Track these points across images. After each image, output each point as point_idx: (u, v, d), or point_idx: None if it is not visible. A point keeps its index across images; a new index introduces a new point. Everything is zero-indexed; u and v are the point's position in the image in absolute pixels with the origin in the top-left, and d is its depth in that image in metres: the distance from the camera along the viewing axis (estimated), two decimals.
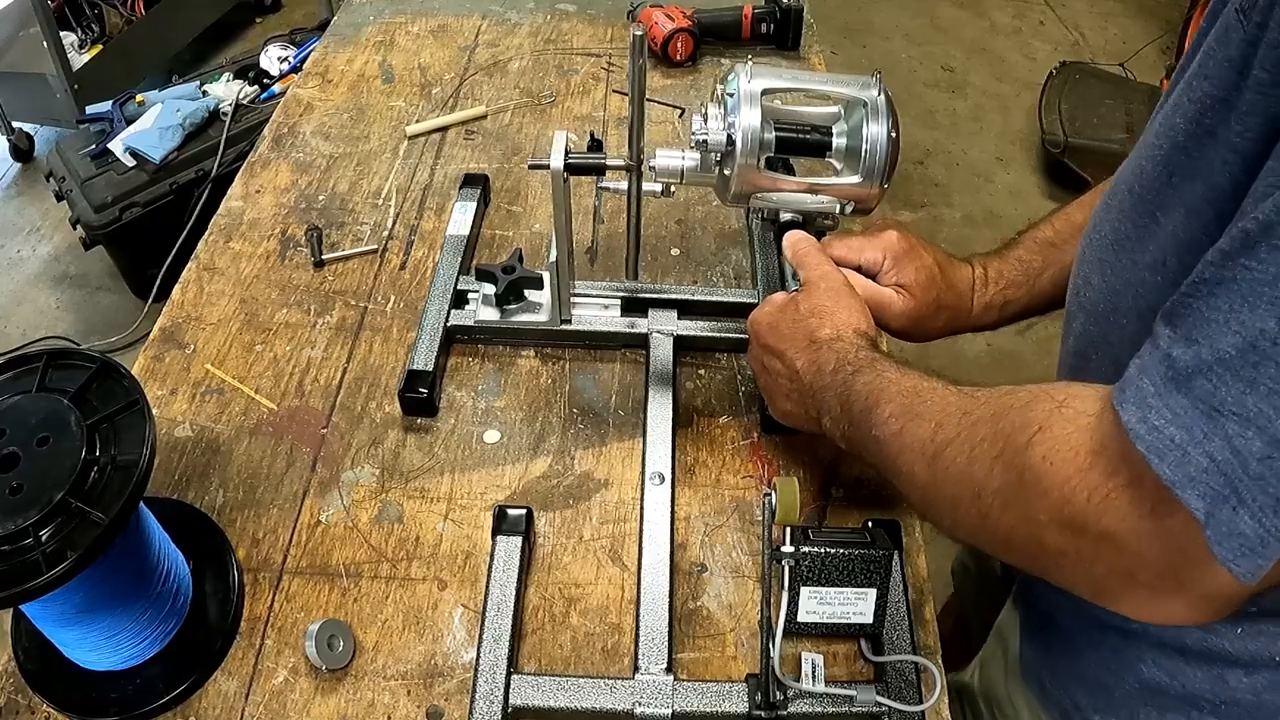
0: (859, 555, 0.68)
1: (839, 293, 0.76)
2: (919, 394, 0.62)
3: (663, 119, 1.24)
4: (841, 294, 0.76)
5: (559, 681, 0.69)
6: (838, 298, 0.75)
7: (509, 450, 0.87)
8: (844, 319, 0.74)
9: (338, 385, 0.92)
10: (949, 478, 0.57)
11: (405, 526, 0.81)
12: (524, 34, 1.41)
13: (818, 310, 0.74)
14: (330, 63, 1.35)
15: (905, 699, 0.68)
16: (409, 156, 1.19)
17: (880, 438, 0.63)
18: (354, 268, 1.04)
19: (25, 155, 2.81)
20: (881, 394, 0.64)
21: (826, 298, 0.75)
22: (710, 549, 0.80)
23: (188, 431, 0.88)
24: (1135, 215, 0.60)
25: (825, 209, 0.81)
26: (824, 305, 0.75)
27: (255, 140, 1.22)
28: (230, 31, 3.24)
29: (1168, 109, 0.59)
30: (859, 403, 0.66)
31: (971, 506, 0.55)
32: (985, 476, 0.53)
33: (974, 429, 0.55)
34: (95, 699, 0.69)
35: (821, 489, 0.84)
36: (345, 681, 0.71)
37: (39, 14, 2.36)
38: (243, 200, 1.12)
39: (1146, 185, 0.59)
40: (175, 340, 0.96)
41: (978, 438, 0.55)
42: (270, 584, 0.77)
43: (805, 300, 0.76)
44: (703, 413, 0.90)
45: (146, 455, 0.61)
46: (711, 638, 0.74)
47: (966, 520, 0.56)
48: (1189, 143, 0.54)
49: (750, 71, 0.79)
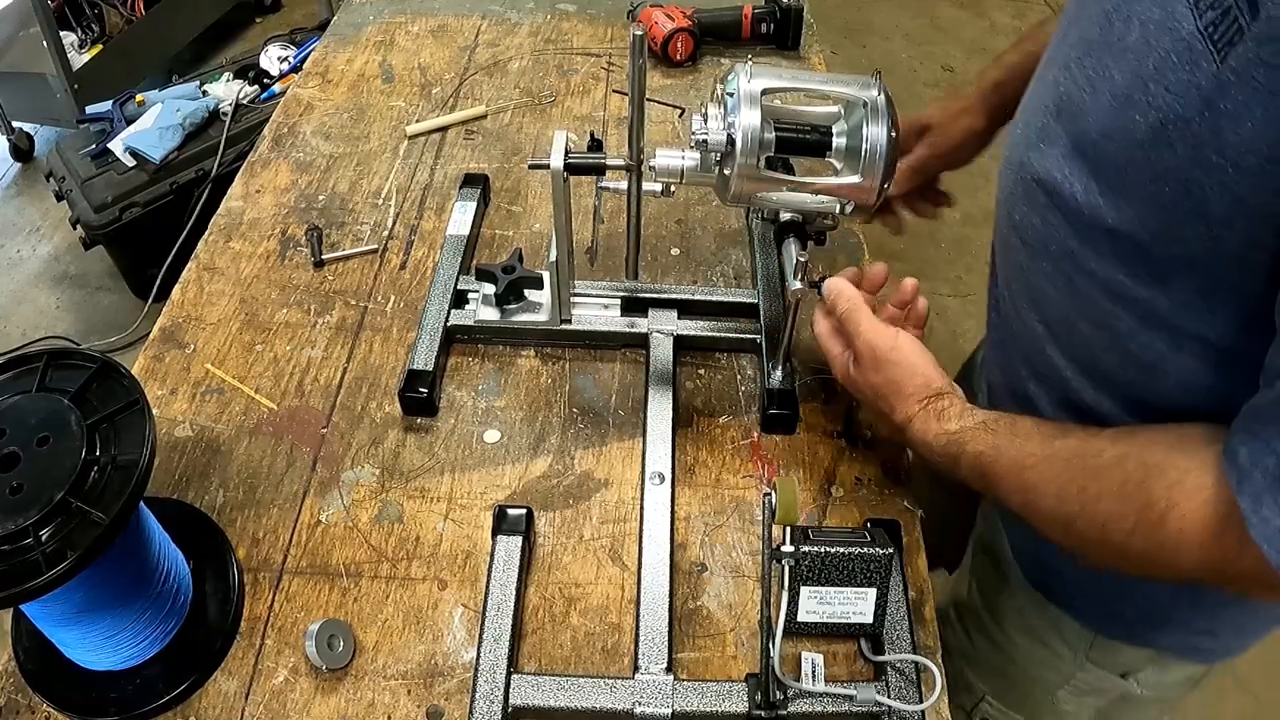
0: (859, 555, 0.68)
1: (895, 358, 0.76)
2: (1024, 468, 0.65)
3: (663, 119, 1.24)
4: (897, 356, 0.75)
5: (559, 681, 0.69)
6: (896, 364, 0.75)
7: (509, 450, 0.87)
8: (917, 382, 0.74)
9: (338, 385, 0.92)
10: (1088, 541, 0.61)
11: (405, 526, 0.81)
12: (524, 34, 1.41)
13: (890, 383, 0.75)
14: (330, 63, 1.35)
15: (905, 698, 0.68)
16: (409, 156, 1.19)
17: (1003, 501, 0.68)
18: (354, 267, 1.04)
19: (25, 155, 2.81)
20: (994, 466, 0.67)
21: (889, 370, 0.75)
22: (710, 549, 0.80)
23: (188, 431, 0.88)
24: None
25: (825, 209, 0.81)
26: (890, 377, 0.75)
27: (255, 140, 1.22)
28: (230, 31, 3.24)
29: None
30: (973, 472, 0.68)
31: (1114, 560, 0.61)
32: (1123, 544, 0.58)
33: (1097, 505, 0.59)
34: (95, 699, 0.69)
35: (821, 489, 0.84)
36: (345, 681, 0.71)
37: (39, 14, 2.35)
38: (243, 200, 1.12)
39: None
40: (175, 340, 0.96)
41: (1106, 514, 0.59)
42: (270, 584, 0.77)
43: (874, 373, 0.76)
44: (703, 413, 0.90)
45: (146, 455, 0.61)
46: (711, 637, 0.74)
47: (1108, 564, 0.62)
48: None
49: (750, 71, 0.79)
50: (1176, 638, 0.79)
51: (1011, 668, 0.91)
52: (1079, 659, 0.84)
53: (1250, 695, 1.74)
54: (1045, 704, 0.91)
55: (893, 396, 0.74)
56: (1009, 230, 0.71)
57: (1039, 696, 0.91)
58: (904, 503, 0.83)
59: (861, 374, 0.77)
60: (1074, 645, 0.84)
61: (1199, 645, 0.79)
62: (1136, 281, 0.60)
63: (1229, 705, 1.73)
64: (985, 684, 0.96)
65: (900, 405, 0.74)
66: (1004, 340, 0.79)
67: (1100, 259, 0.61)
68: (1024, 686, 0.92)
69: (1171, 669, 0.82)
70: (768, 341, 0.91)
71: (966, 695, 0.98)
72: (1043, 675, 0.89)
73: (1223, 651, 0.80)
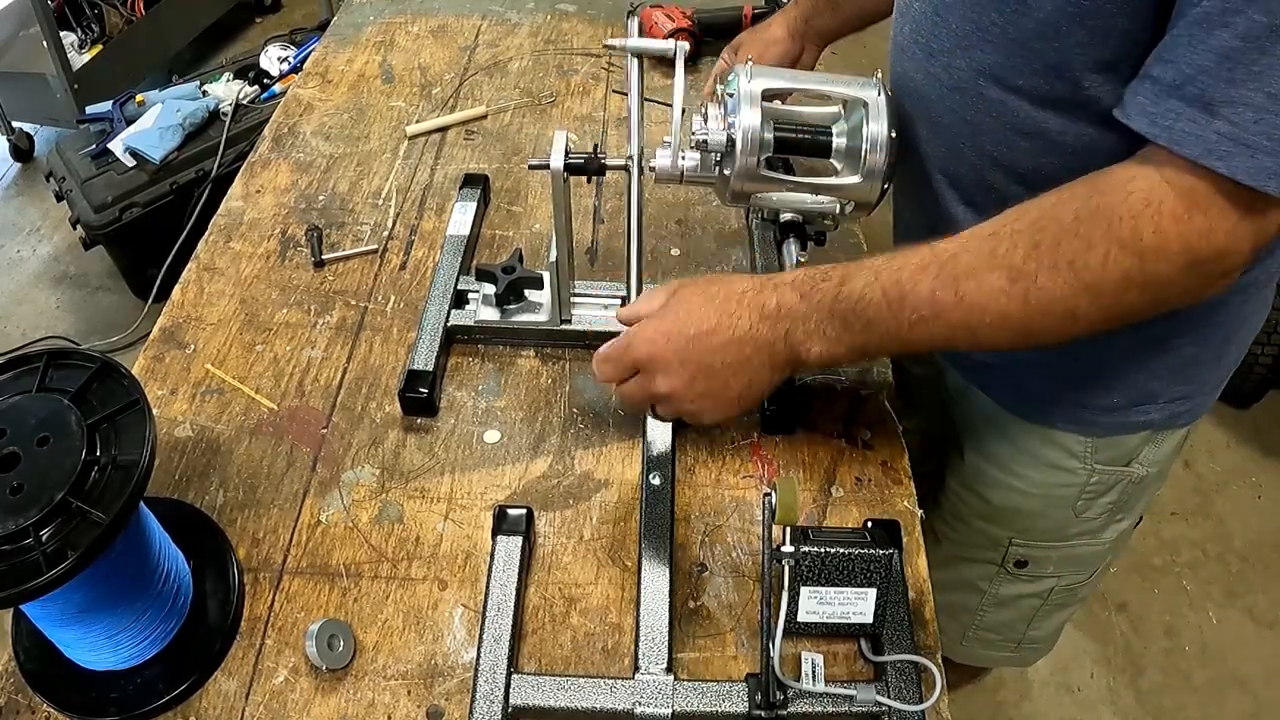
0: (859, 555, 0.68)
1: (697, 281, 0.72)
2: (945, 260, 0.63)
3: (663, 119, 1.24)
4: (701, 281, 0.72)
5: (559, 681, 0.69)
6: (704, 281, 0.72)
7: (509, 450, 0.87)
8: (736, 279, 0.71)
9: (338, 385, 0.92)
10: (1055, 299, 0.60)
11: (405, 526, 0.81)
12: (524, 34, 1.41)
13: (705, 290, 0.71)
14: (330, 63, 1.35)
15: (905, 698, 0.68)
16: (409, 156, 1.19)
17: (929, 316, 0.64)
18: (354, 268, 1.04)
19: (25, 155, 2.81)
20: (902, 282, 0.64)
21: (696, 284, 0.72)
22: (710, 549, 0.80)
23: (188, 431, 0.88)
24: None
25: (825, 209, 0.81)
26: (705, 284, 0.72)
27: (255, 140, 1.22)
28: (230, 31, 3.24)
29: None
30: (873, 307, 0.65)
31: (1092, 304, 0.60)
32: (1099, 276, 0.59)
33: (1057, 250, 0.60)
34: (95, 699, 0.69)
35: (821, 489, 0.84)
36: (345, 681, 0.71)
37: (39, 14, 2.35)
38: (243, 200, 1.12)
39: None
40: (175, 340, 0.96)
41: (1070, 254, 0.59)
42: (270, 584, 0.77)
43: (685, 293, 0.72)
44: None
45: (147, 455, 0.61)
46: (711, 637, 0.74)
47: (1086, 317, 0.61)
48: None
49: (750, 71, 0.79)
50: (1164, 412, 0.87)
51: (1029, 502, 0.97)
52: (1089, 466, 0.91)
53: (1250, 695, 1.74)
54: (1068, 521, 0.97)
55: (724, 333, 0.69)
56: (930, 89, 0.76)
57: (1061, 517, 0.97)
58: (904, 503, 0.83)
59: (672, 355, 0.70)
60: (1081, 456, 0.90)
61: (1179, 410, 0.87)
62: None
63: (1229, 705, 1.73)
64: (1009, 530, 1.01)
65: (732, 285, 0.70)
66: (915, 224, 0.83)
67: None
68: (1046, 514, 0.97)
69: (1164, 441, 0.90)
70: None
71: (993, 550, 1.03)
72: (1060, 495, 0.94)
73: (1198, 410, 0.89)
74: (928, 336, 0.65)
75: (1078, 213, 0.60)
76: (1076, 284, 0.59)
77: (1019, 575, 1.05)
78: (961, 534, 1.05)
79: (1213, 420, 2.16)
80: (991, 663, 1.51)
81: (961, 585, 1.09)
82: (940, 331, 0.64)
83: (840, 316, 0.67)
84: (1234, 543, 1.97)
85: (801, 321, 0.68)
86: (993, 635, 1.14)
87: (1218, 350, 0.85)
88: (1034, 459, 0.93)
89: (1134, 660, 1.78)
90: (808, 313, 0.68)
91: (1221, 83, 0.54)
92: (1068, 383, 0.87)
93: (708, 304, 0.70)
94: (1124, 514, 0.98)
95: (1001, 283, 0.61)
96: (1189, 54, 0.56)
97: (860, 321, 0.66)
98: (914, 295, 0.64)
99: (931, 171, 0.82)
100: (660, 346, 0.70)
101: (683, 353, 0.70)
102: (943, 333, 0.65)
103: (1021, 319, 0.62)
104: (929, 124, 0.80)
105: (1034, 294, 0.60)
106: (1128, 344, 0.82)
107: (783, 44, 1.06)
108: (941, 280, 0.63)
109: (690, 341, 0.69)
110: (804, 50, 1.07)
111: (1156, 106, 0.57)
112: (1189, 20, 0.56)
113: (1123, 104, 0.60)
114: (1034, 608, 1.09)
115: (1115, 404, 0.86)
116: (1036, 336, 0.63)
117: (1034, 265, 0.60)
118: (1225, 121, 0.54)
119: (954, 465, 1.03)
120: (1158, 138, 0.57)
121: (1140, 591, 1.89)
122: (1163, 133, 0.57)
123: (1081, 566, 1.04)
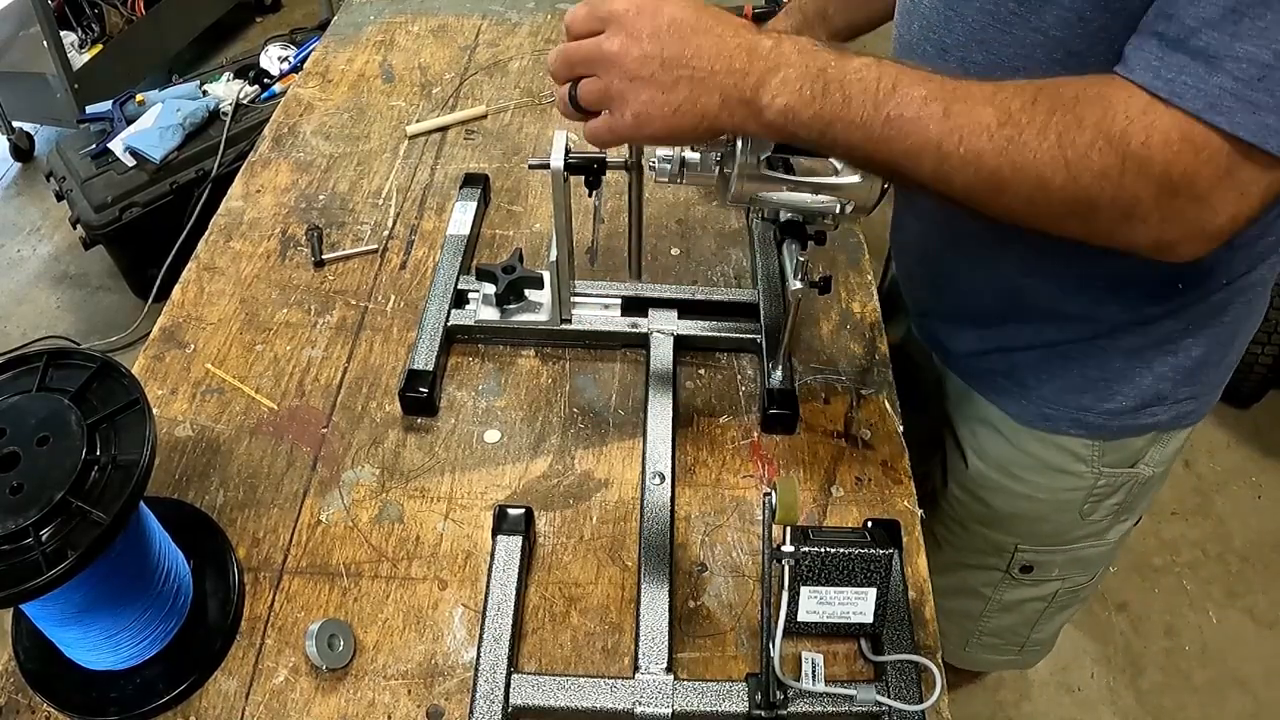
0: (859, 555, 0.68)
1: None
2: (945, 79, 0.62)
3: None
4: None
5: (559, 681, 0.69)
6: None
7: (509, 450, 0.87)
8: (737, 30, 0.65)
9: (338, 385, 0.92)
10: (1033, 160, 0.59)
11: (405, 526, 0.81)
12: (524, 34, 1.41)
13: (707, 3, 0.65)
14: (330, 62, 1.35)
15: (905, 698, 0.68)
16: (409, 156, 1.19)
17: (909, 118, 0.61)
18: (354, 267, 1.04)
19: (25, 155, 2.81)
20: (901, 78, 0.62)
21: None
22: (710, 549, 0.80)
23: (188, 431, 0.88)
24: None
25: (825, 209, 0.81)
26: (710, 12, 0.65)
27: (255, 140, 1.22)
28: (230, 31, 3.24)
29: None
30: (860, 85, 0.62)
31: (1065, 183, 0.59)
32: (1080, 157, 0.57)
33: (1051, 116, 0.58)
34: (95, 699, 0.69)
35: (821, 489, 0.84)
36: (345, 681, 0.72)
37: (39, 14, 2.36)
38: (243, 200, 1.12)
39: None
40: (175, 340, 0.96)
41: (1061, 125, 0.58)
42: (270, 584, 0.77)
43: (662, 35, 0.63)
44: (703, 412, 0.90)
45: (147, 455, 0.61)
46: (711, 637, 0.74)
47: (1051, 196, 0.60)
48: None
49: None
50: (1171, 413, 0.87)
51: (1034, 507, 0.96)
52: (1095, 469, 0.91)
53: (1250, 695, 1.74)
54: (1074, 524, 0.97)
55: (706, 35, 0.63)
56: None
57: (1067, 521, 0.97)
58: (904, 503, 0.83)
59: (647, 22, 0.63)
60: (1087, 460, 0.90)
61: (1186, 411, 0.88)
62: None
63: (1229, 705, 1.73)
64: (1013, 535, 1.01)
65: (732, 46, 0.63)
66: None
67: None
68: (1051, 518, 0.97)
69: (1169, 442, 0.91)
70: (768, 341, 0.91)
71: (997, 556, 1.03)
72: (1066, 500, 0.94)
73: (1203, 410, 0.89)
74: (897, 140, 0.62)
75: (1079, 94, 0.59)
76: (1058, 156, 0.58)
77: (1023, 580, 1.05)
78: (963, 539, 1.05)
79: (1213, 420, 2.16)
80: (995, 667, 1.51)
81: (964, 591, 1.09)
82: (912, 140, 0.61)
83: (824, 81, 0.62)
84: (1234, 543, 1.97)
85: (784, 68, 0.62)
86: (996, 640, 1.14)
87: (1223, 350, 0.85)
88: (1039, 463, 0.93)
89: (1134, 660, 1.79)
90: (795, 62, 0.63)
91: (1226, 36, 0.53)
92: (1074, 387, 0.86)
93: (703, 10, 0.64)
94: (1128, 514, 0.98)
95: (990, 120, 0.59)
96: (1191, 8, 0.55)
97: (841, 94, 0.62)
98: (904, 93, 0.61)
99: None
100: (641, 9, 0.63)
101: (657, 26, 0.63)
102: (913, 143, 0.62)
103: (994, 164, 0.60)
104: None
105: (1016, 146, 0.59)
106: (1135, 347, 0.82)
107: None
108: (935, 92, 0.61)
109: (672, 22, 0.63)
110: None
111: (1160, 60, 0.56)
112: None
113: (1124, 59, 0.59)
114: (1038, 611, 1.09)
115: (1123, 407, 0.86)
116: (1001, 194, 0.61)
117: (1026, 118, 0.59)
118: (1228, 76, 0.54)
119: (955, 470, 1.02)
120: (1158, 89, 0.56)
121: (1140, 591, 1.89)
122: (1164, 85, 0.56)
123: (1086, 568, 1.04)
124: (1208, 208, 0.57)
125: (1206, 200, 0.56)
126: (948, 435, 1.02)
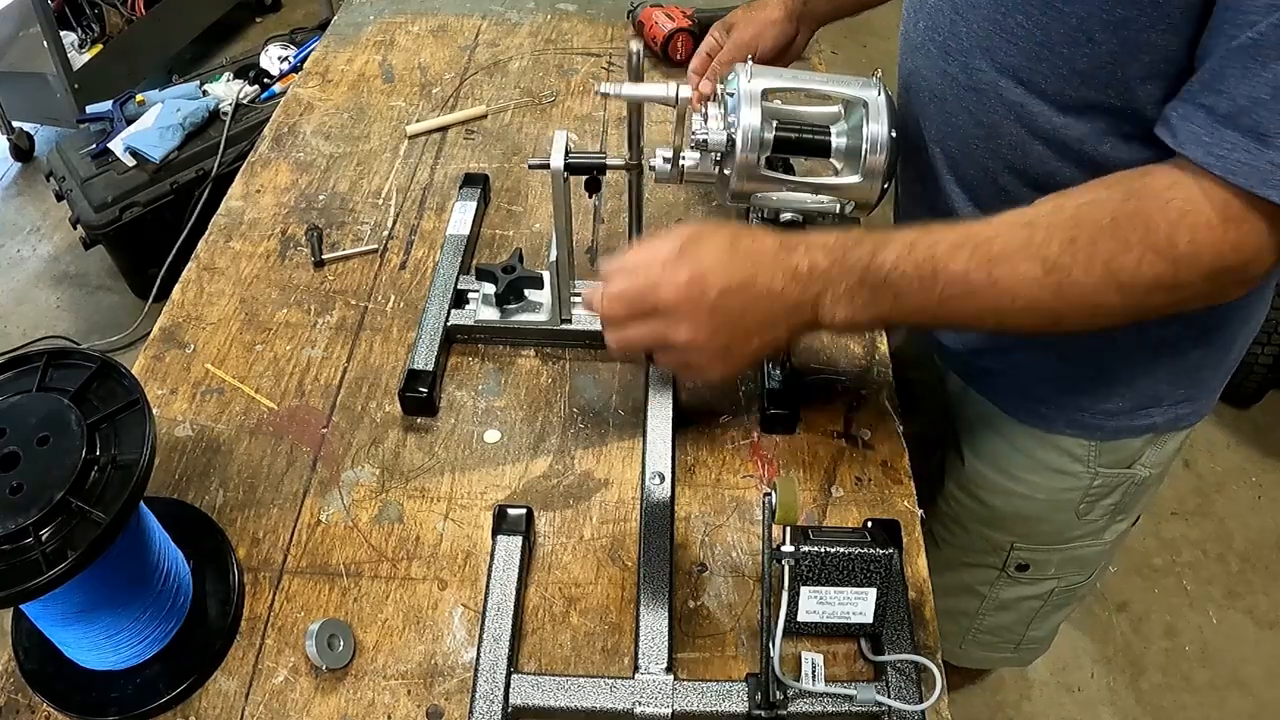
0: (859, 555, 0.68)
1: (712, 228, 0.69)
2: (980, 242, 0.64)
3: (662, 119, 1.24)
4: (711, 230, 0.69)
5: (559, 681, 0.69)
6: (725, 233, 0.69)
7: (509, 450, 0.87)
8: (759, 233, 0.69)
9: (338, 385, 0.92)
10: (1087, 293, 0.62)
11: (405, 526, 0.81)
12: (524, 34, 1.41)
13: (730, 243, 0.68)
14: (330, 62, 1.35)
15: (905, 698, 0.68)
16: (409, 156, 1.19)
17: (960, 295, 0.64)
18: (354, 267, 1.04)
19: (25, 155, 2.81)
20: (936, 258, 0.64)
21: (716, 235, 0.68)
22: (710, 549, 0.80)
23: (188, 431, 0.88)
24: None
25: (825, 209, 0.81)
26: (727, 237, 0.68)
27: (255, 140, 1.22)
28: (230, 31, 3.24)
29: None
30: (903, 280, 0.64)
31: (1121, 301, 0.62)
32: (1132, 277, 0.60)
33: (1094, 248, 0.61)
34: (95, 699, 0.69)
35: (821, 489, 0.84)
36: (345, 681, 0.72)
37: (39, 14, 2.36)
38: (243, 200, 1.12)
39: None
40: (175, 340, 0.96)
41: (1107, 254, 0.61)
42: (270, 584, 0.77)
43: (707, 244, 0.68)
44: (703, 413, 0.90)
45: (147, 455, 0.61)
46: (711, 637, 0.74)
47: (1111, 312, 0.63)
48: None
49: (750, 71, 0.79)
50: (1168, 415, 0.88)
51: (1031, 506, 0.97)
52: (1092, 469, 0.92)
53: (1250, 695, 1.74)
54: (1070, 524, 0.98)
55: (754, 289, 0.66)
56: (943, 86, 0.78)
57: (1063, 520, 0.97)
58: (904, 502, 0.83)
59: (703, 305, 0.66)
60: (1084, 460, 0.91)
61: (1183, 413, 0.88)
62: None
63: (1229, 705, 1.73)
64: (1010, 535, 1.02)
65: (779, 286, 0.66)
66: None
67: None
68: (1048, 518, 0.98)
69: (1166, 444, 0.92)
70: None
71: (994, 555, 1.04)
72: (1062, 500, 0.95)
73: (1201, 412, 0.90)
74: (955, 314, 0.66)
75: (1115, 214, 0.60)
76: (1110, 282, 0.61)
77: (1020, 578, 1.05)
78: (960, 538, 1.05)
79: (1213, 420, 2.16)
80: (991, 664, 1.51)
81: (961, 590, 1.09)
82: (969, 310, 0.65)
83: (870, 285, 0.65)
84: (1234, 543, 1.97)
85: (831, 286, 0.66)
86: (992, 638, 1.14)
87: (1222, 352, 0.85)
88: (1036, 463, 0.93)
89: (1134, 660, 1.79)
90: (838, 278, 0.66)
91: (1276, 115, 0.55)
92: (1071, 387, 0.87)
93: (735, 258, 0.67)
94: (1125, 514, 0.98)
95: (1035, 272, 0.62)
96: (1242, 85, 0.56)
97: (890, 293, 0.65)
98: (946, 273, 0.64)
99: (941, 172, 0.82)
100: (690, 295, 0.67)
101: (713, 304, 0.67)
102: (971, 312, 0.65)
103: (1051, 308, 0.63)
104: (941, 124, 0.79)
105: (1067, 287, 0.61)
106: (1132, 348, 0.82)
107: (780, 25, 1.02)
108: (976, 261, 0.63)
109: (722, 294, 0.66)
110: (799, 33, 1.05)
111: (1211, 136, 0.58)
112: (1237, 49, 0.56)
113: (1171, 130, 0.61)
114: (1034, 609, 1.09)
115: (1119, 408, 0.86)
116: (1063, 325, 0.65)
117: (1069, 260, 0.61)
118: (1279, 152, 0.56)
119: (953, 469, 1.03)
120: (1212, 167, 0.58)
121: (1140, 591, 1.89)
122: (1217, 163, 0.58)
123: (1083, 567, 1.04)
124: (1255, 265, 0.60)
125: (1253, 262, 0.60)
126: (946, 434, 1.02)
